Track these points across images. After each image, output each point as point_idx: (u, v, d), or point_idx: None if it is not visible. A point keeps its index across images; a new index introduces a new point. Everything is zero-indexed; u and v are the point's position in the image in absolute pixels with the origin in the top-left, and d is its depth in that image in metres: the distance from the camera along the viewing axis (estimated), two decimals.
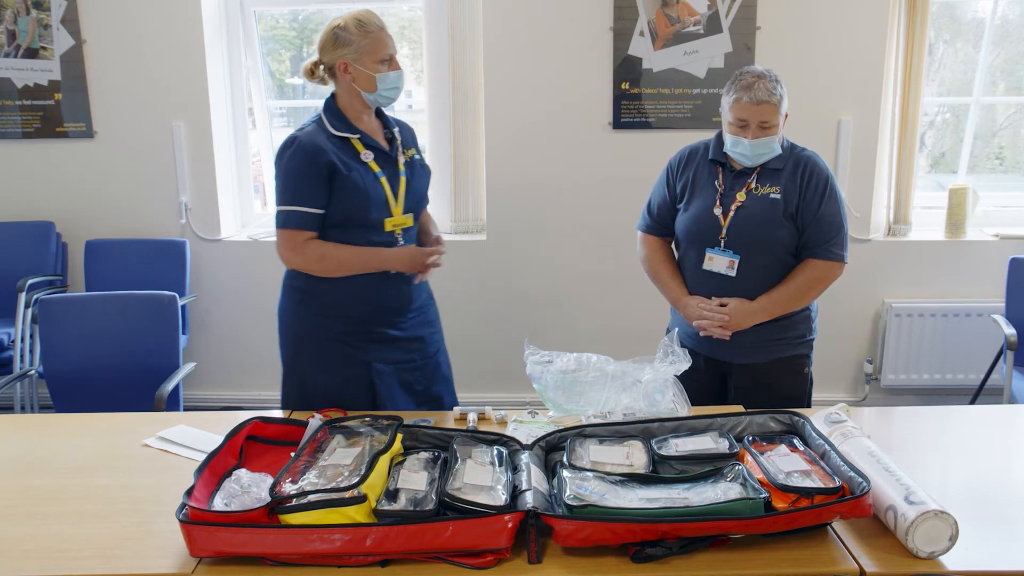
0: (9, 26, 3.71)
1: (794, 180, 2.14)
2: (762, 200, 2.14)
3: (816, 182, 2.13)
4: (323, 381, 2.14)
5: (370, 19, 2.05)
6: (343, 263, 2.08)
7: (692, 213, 2.21)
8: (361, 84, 2.06)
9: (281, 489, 1.46)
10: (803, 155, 2.18)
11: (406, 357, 2.19)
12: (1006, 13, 3.79)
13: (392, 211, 2.11)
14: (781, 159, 2.16)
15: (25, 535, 1.52)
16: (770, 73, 2.10)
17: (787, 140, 2.20)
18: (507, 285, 3.79)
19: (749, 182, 2.15)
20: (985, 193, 3.87)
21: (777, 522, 1.42)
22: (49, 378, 2.63)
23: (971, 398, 3.56)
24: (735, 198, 2.15)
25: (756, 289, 2.15)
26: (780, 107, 2.08)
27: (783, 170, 2.15)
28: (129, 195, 3.83)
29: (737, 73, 2.12)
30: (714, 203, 2.17)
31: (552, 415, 1.99)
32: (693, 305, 2.20)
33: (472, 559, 1.40)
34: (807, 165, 2.15)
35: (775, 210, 2.12)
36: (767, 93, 2.05)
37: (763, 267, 2.15)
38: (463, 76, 3.65)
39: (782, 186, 2.14)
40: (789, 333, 2.21)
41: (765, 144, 2.10)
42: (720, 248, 2.16)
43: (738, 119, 2.08)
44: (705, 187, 2.21)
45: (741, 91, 2.07)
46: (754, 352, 2.19)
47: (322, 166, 2.02)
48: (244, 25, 3.85)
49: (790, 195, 2.13)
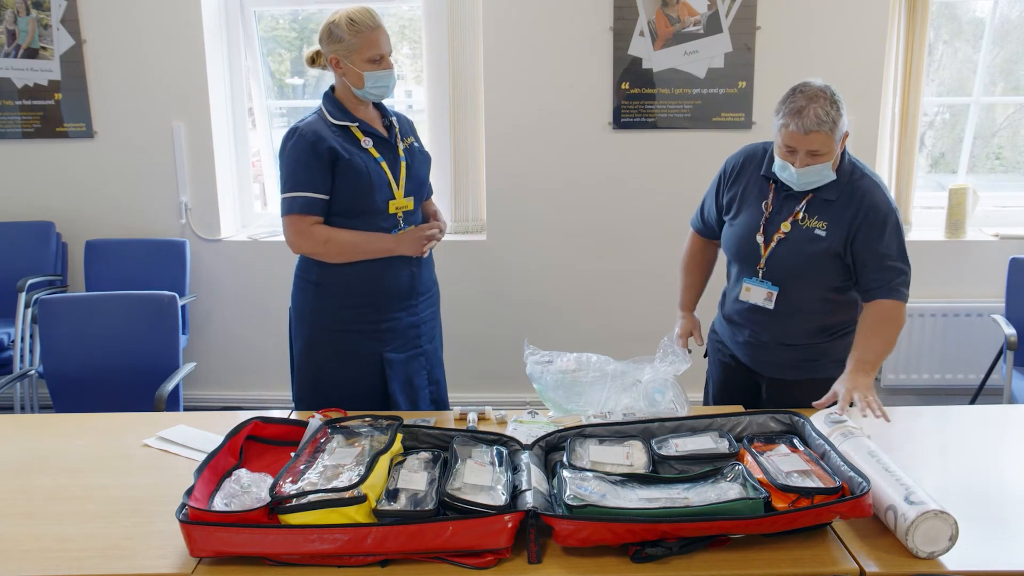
0: (9, 26, 3.71)
1: (845, 215, 1.96)
2: (806, 234, 1.98)
3: (871, 221, 1.94)
4: (336, 373, 2.19)
5: (363, 18, 2.07)
6: (347, 246, 2.12)
7: (736, 232, 2.09)
8: (350, 80, 2.11)
9: (281, 489, 1.46)
10: (861, 185, 1.97)
11: (416, 342, 2.25)
12: (1006, 13, 3.79)
13: (395, 193, 2.15)
14: (836, 188, 1.97)
15: (25, 535, 1.52)
16: (828, 91, 1.89)
17: (851, 158, 2.01)
18: (507, 285, 3.79)
19: (797, 211, 1.99)
20: (985, 193, 3.87)
21: (777, 522, 1.42)
22: (49, 378, 2.63)
23: (971, 398, 3.56)
24: (779, 227, 2.00)
25: (794, 322, 2.05)
26: (834, 133, 1.88)
27: (836, 202, 1.97)
28: (129, 195, 3.83)
29: (790, 91, 1.92)
30: (758, 228, 2.03)
31: (552, 415, 1.99)
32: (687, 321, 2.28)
33: (472, 559, 1.40)
34: (862, 201, 1.95)
35: (818, 247, 1.97)
36: (817, 122, 1.84)
37: (802, 302, 2.03)
38: (463, 76, 3.65)
39: (830, 221, 1.97)
40: (824, 356, 2.09)
41: (814, 172, 1.92)
42: (759, 279, 2.05)
43: (786, 145, 1.91)
44: (753, 205, 2.07)
45: (789, 117, 1.88)
46: (785, 370, 2.11)
47: (324, 152, 2.07)
48: (244, 25, 3.85)
49: (837, 232, 1.96)
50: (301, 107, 4.18)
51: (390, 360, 2.19)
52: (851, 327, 2.08)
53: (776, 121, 1.93)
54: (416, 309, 2.25)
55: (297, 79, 4.19)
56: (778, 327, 2.08)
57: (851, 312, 2.09)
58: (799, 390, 2.05)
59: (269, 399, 3.89)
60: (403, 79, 4.17)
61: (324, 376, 2.20)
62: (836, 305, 2.07)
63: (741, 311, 2.12)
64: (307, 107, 4.12)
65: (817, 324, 2.08)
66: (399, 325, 2.21)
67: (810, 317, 2.06)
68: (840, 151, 1.97)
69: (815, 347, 2.09)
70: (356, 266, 2.14)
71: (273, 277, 3.75)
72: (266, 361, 3.89)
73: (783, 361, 2.11)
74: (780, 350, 2.10)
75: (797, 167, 1.92)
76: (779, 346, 2.10)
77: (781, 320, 2.06)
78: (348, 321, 2.17)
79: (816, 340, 2.09)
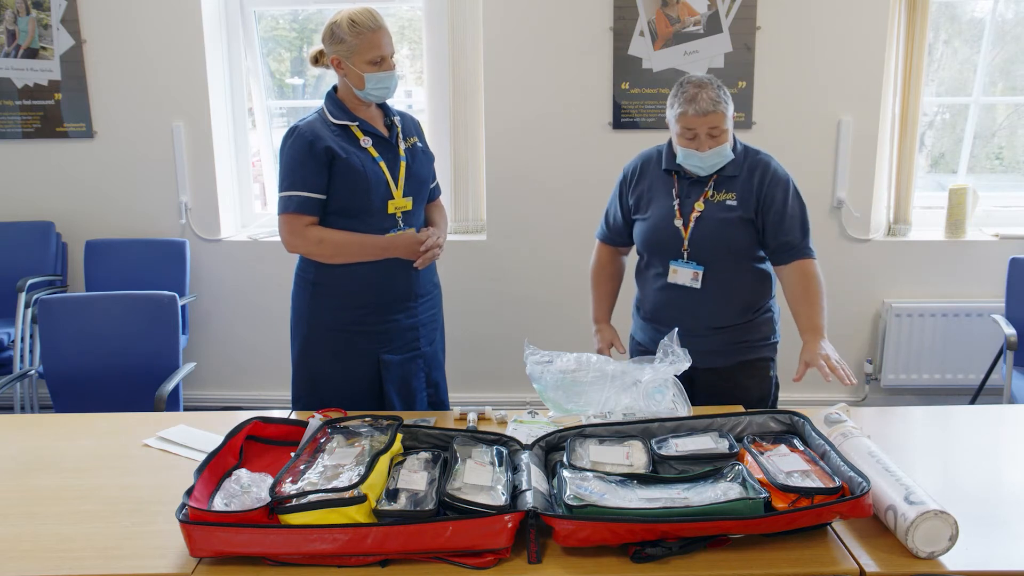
0: (9, 26, 3.71)
1: (750, 185, 2.12)
2: (719, 207, 2.12)
3: (773, 186, 2.11)
4: (333, 374, 2.18)
5: (364, 19, 2.07)
6: (341, 247, 2.11)
7: (651, 223, 2.19)
8: (351, 81, 2.12)
9: (281, 489, 1.46)
10: (758, 159, 2.16)
11: (414, 344, 2.24)
12: (1005, 13, 3.79)
13: (393, 193, 2.15)
14: (736, 165, 2.13)
15: (25, 535, 1.52)
16: (712, 81, 2.06)
17: (740, 143, 2.18)
18: (507, 285, 3.79)
19: (706, 190, 2.13)
20: (985, 193, 3.87)
21: (777, 522, 1.42)
22: (49, 378, 2.63)
23: (971, 398, 3.56)
24: (694, 208, 2.13)
25: (722, 299, 2.14)
26: (727, 112, 2.05)
27: (738, 177, 2.13)
28: (129, 195, 3.84)
29: (677, 84, 2.09)
30: (673, 214, 2.14)
31: (552, 415, 1.99)
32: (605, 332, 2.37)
33: (472, 559, 1.40)
34: (764, 171, 2.13)
35: (732, 215, 2.11)
36: (711, 103, 2.02)
37: (728, 276, 2.14)
38: (463, 76, 3.65)
39: (738, 191, 2.12)
40: (751, 336, 2.19)
41: (718, 153, 2.08)
42: (684, 260, 2.14)
43: (686, 129, 2.05)
44: (661, 196, 2.18)
45: (685, 104, 2.03)
46: (716, 356, 2.16)
47: (321, 152, 2.07)
48: (244, 25, 3.85)
49: (746, 200, 2.11)
50: (301, 107, 4.19)
51: (386, 361, 2.19)
52: (770, 304, 2.25)
53: (671, 113, 2.09)
54: (415, 311, 2.24)
55: (297, 79, 4.19)
56: (706, 310, 2.15)
57: (767, 287, 2.23)
58: (732, 375, 2.18)
59: (269, 399, 3.89)
60: (403, 79, 4.17)
61: (321, 376, 2.20)
62: (754, 278, 2.19)
63: (667, 302, 2.19)
64: (307, 107, 4.13)
65: (742, 301, 2.18)
66: (397, 327, 2.20)
67: (735, 293, 2.16)
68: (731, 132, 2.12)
69: (742, 327, 2.18)
70: (354, 267, 2.14)
71: (273, 277, 3.75)
72: (266, 361, 3.89)
73: (714, 347, 2.16)
74: (710, 335, 2.16)
75: (702, 151, 2.07)
76: (709, 331, 2.16)
77: (708, 301, 2.14)
78: (346, 322, 2.17)
79: (743, 319, 2.18)
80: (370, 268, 2.14)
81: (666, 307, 2.20)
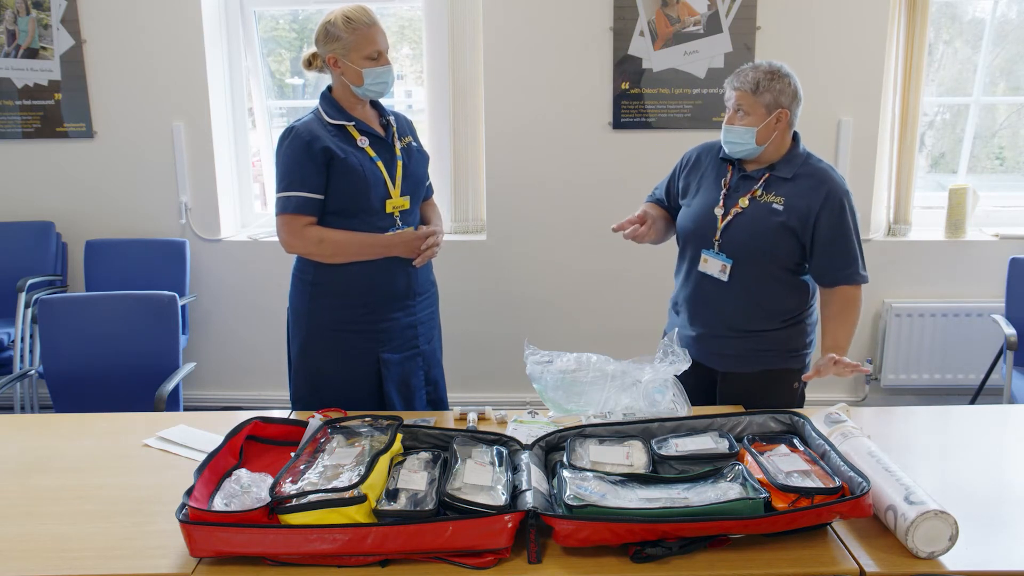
0: (9, 26, 3.71)
1: (804, 196, 2.03)
2: (764, 208, 2.05)
3: (828, 204, 2.02)
4: (333, 374, 2.18)
5: (358, 16, 2.08)
6: (340, 246, 2.11)
7: (694, 210, 2.15)
8: (349, 78, 2.11)
9: (281, 489, 1.46)
10: (816, 168, 2.06)
11: (413, 343, 2.25)
12: (1006, 13, 3.79)
13: (391, 193, 2.15)
14: (791, 167, 2.06)
15: (25, 535, 1.52)
16: (772, 66, 2.03)
17: (804, 148, 2.11)
18: (507, 285, 3.79)
19: (755, 188, 2.07)
20: (985, 193, 3.87)
21: (777, 522, 1.42)
22: (49, 378, 2.63)
23: (971, 398, 3.56)
24: (737, 202, 2.07)
25: (749, 300, 2.08)
26: (759, 98, 2.00)
27: (792, 180, 2.05)
28: (129, 195, 3.84)
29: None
30: (716, 202, 2.10)
31: (552, 415, 1.99)
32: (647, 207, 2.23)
33: (472, 559, 1.40)
34: (819, 183, 2.03)
35: (774, 220, 2.03)
36: (748, 82, 2.01)
37: (755, 277, 2.07)
38: (463, 76, 3.65)
39: (787, 197, 2.04)
40: (779, 346, 2.12)
41: (735, 132, 2.04)
42: (715, 251, 2.09)
43: (727, 100, 2.08)
44: (712, 185, 2.14)
45: (733, 75, 2.07)
46: (740, 362, 2.12)
47: (319, 152, 2.07)
48: (244, 25, 3.85)
49: (794, 209, 2.02)
50: (301, 107, 4.18)
51: (386, 360, 2.19)
52: (803, 316, 2.14)
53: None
54: (413, 309, 2.24)
55: (297, 79, 4.18)
56: (731, 310, 2.10)
57: (803, 299, 2.13)
58: (754, 382, 2.11)
59: (269, 399, 3.89)
60: (403, 79, 4.17)
61: (321, 376, 2.20)
62: (788, 288, 2.11)
63: (694, 293, 2.15)
64: (307, 107, 4.11)
65: (769, 308, 2.10)
66: (396, 325, 2.21)
67: (764, 297, 2.09)
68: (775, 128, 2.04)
69: (768, 335, 2.11)
70: (353, 266, 2.14)
71: (273, 277, 3.74)
72: (266, 361, 3.89)
73: (738, 351, 2.12)
74: (734, 339, 2.12)
75: (728, 124, 2.06)
76: (733, 334, 2.12)
77: (735, 299, 2.09)
78: (345, 321, 2.17)
79: (769, 327, 2.11)
80: (368, 267, 2.14)
81: (693, 298, 2.16)
